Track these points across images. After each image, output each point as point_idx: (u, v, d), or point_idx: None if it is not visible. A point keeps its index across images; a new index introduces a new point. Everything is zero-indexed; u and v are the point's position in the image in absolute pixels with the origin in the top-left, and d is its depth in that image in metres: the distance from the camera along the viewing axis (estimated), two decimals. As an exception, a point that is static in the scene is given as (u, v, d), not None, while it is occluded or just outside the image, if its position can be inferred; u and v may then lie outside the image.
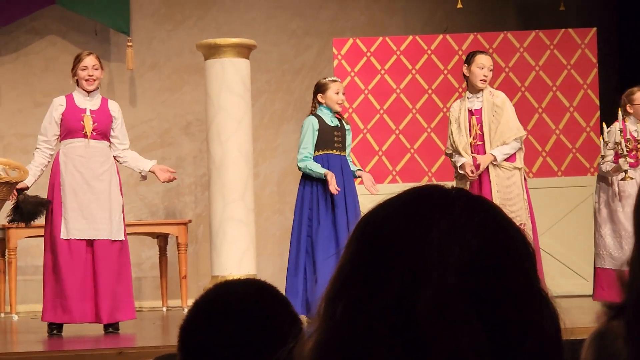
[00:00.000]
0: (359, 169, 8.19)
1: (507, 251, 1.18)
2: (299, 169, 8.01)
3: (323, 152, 7.98)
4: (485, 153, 7.82)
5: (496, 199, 7.65)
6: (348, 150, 8.17)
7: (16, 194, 7.48)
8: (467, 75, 7.92)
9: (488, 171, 7.81)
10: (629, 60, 11.16)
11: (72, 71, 7.77)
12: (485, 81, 7.89)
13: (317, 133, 7.96)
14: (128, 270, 7.70)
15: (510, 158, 7.87)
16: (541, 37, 10.63)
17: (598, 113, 10.33)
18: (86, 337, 7.38)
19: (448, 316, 1.11)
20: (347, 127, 8.17)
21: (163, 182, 7.93)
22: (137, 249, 11.05)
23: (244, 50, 9.53)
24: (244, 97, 9.49)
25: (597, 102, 10.43)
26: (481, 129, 7.87)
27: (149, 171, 7.83)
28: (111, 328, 7.56)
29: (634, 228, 0.88)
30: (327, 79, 8.15)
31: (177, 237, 10.16)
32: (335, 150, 8.01)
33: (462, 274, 1.13)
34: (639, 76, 9.18)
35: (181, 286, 10.15)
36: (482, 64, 7.87)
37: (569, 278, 9.82)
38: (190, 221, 10.46)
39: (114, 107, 7.82)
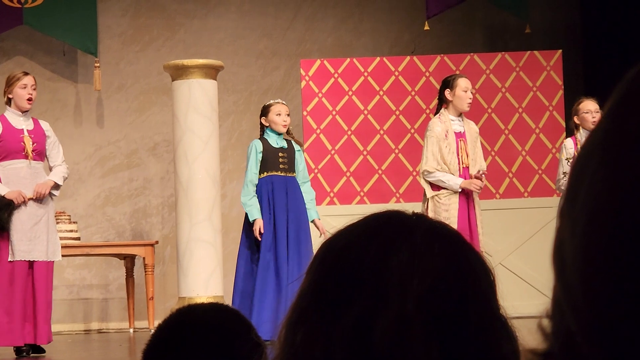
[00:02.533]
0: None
1: (467, 277, 1.18)
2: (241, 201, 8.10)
3: (268, 174, 8.02)
4: (469, 176, 7.83)
5: (479, 221, 7.81)
6: (302, 174, 8.18)
7: None
8: (451, 99, 7.81)
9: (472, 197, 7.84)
10: (593, 82, 11.23)
11: (8, 89, 7.76)
12: (470, 104, 7.88)
13: (260, 155, 8.01)
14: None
15: None
16: (507, 59, 10.69)
17: (564, 134, 10.38)
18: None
19: (406, 342, 1.12)
20: (296, 148, 8.19)
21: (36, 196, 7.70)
22: (104, 270, 10.99)
23: (211, 71, 9.53)
24: (211, 118, 9.48)
25: (563, 124, 10.49)
26: (467, 153, 7.89)
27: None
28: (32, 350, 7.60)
29: (553, 271, 0.89)
30: (270, 102, 8.22)
31: (144, 258, 10.12)
32: (280, 172, 8.04)
33: (422, 300, 1.14)
34: (603, 98, 9.24)
35: (148, 307, 10.10)
36: (466, 87, 7.84)
37: (535, 299, 9.84)
38: (157, 242, 10.43)
39: (46, 126, 7.88)
